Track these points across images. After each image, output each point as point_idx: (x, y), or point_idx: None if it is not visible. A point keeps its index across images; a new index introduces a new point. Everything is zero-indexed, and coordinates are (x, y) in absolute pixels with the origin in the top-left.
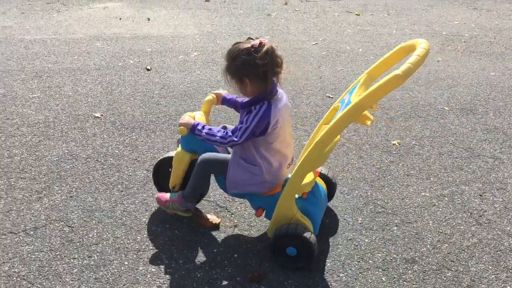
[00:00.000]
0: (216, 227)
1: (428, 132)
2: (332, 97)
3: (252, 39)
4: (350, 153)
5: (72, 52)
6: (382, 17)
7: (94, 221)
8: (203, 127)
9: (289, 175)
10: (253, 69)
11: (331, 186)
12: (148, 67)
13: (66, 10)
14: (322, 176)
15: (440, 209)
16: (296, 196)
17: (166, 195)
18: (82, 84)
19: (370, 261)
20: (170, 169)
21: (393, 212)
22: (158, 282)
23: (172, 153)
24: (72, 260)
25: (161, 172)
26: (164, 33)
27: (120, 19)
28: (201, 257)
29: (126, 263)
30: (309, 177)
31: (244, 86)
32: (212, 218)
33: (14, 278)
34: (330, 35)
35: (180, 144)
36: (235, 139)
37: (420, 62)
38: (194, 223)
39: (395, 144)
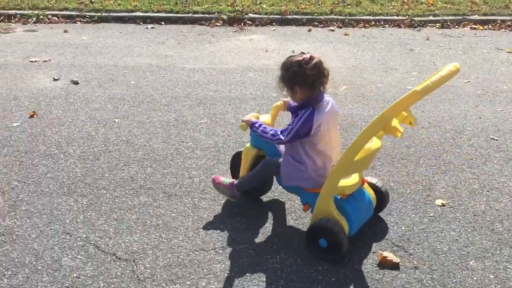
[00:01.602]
0: (395, 266)
1: None
2: (497, 140)
3: (304, 53)
4: None
5: (228, 81)
6: None
7: (275, 247)
8: (260, 125)
9: None
10: (303, 78)
11: (382, 197)
12: None
13: (216, 41)
14: (373, 187)
15: None
16: (338, 197)
17: (221, 178)
18: (242, 112)
19: None
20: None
21: None
22: None
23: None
24: (261, 283)
25: (236, 163)
26: None
27: (267, 51)
28: None
29: None
30: (351, 181)
31: (294, 93)
32: (391, 257)
33: None
34: (482, 73)
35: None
36: (282, 137)
37: (440, 81)
38: (375, 259)
39: None
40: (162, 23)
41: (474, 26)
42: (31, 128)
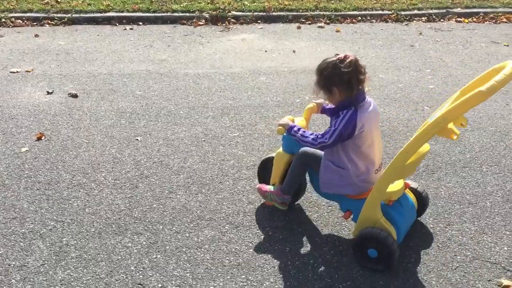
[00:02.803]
0: None
1: None
2: None
3: (338, 54)
4: None
5: (242, 87)
6: None
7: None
8: (298, 129)
9: None
10: (339, 77)
11: (422, 201)
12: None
13: (207, 42)
14: (414, 191)
15: None
16: (382, 202)
17: (267, 187)
18: (271, 121)
19: None
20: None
21: None
22: None
23: (274, 154)
24: None
25: (265, 169)
26: None
27: (266, 51)
28: None
29: None
30: (397, 186)
31: (333, 95)
32: None
33: None
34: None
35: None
36: (325, 140)
37: (506, 80)
38: None
39: None
40: (140, 23)
41: (459, 19)
42: (44, 153)
